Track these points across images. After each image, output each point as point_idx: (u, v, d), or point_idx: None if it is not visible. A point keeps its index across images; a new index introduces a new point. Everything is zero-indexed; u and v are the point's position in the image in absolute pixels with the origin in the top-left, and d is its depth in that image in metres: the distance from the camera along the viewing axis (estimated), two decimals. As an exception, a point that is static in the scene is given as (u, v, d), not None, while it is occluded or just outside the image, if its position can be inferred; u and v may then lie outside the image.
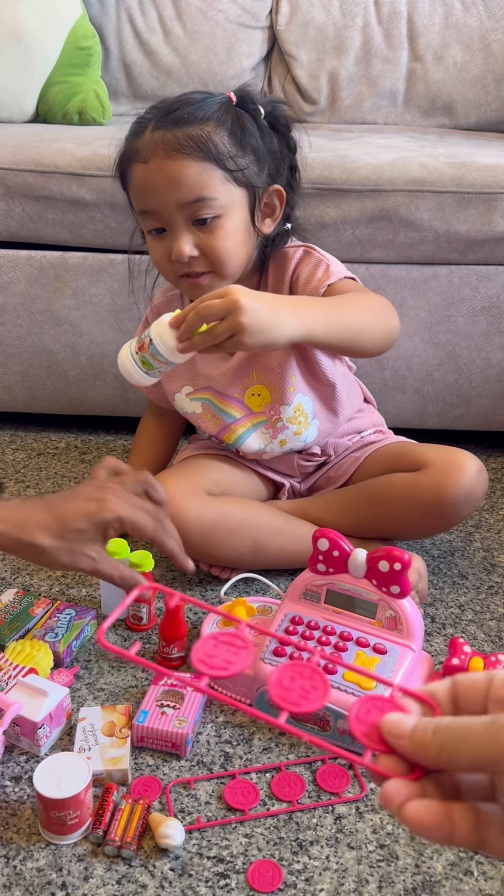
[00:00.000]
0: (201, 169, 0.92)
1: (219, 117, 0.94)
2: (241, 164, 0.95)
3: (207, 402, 1.12)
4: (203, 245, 0.95)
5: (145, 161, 0.93)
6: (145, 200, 0.95)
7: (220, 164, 0.93)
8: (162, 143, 0.92)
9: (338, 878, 0.73)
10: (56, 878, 0.72)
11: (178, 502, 1.02)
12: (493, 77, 1.78)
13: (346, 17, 1.79)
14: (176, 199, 0.93)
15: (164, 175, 0.92)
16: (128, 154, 0.97)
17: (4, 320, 1.40)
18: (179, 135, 0.92)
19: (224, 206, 0.94)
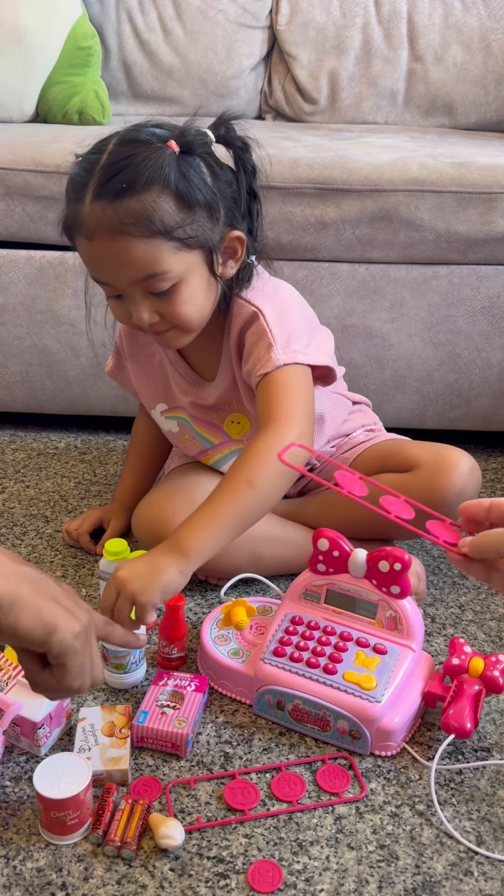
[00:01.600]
0: (148, 247, 0.85)
1: (163, 178, 0.84)
2: (192, 231, 0.87)
3: (184, 422, 1.11)
4: (162, 311, 0.90)
5: (90, 238, 0.86)
6: (96, 274, 0.90)
7: (169, 236, 0.85)
8: (104, 222, 0.84)
9: (338, 879, 0.73)
10: (56, 879, 0.72)
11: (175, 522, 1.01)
12: (493, 77, 1.78)
13: (346, 17, 1.79)
14: (128, 277, 0.87)
15: (110, 257, 0.86)
16: (69, 221, 0.89)
17: (4, 320, 1.40)
18: (120, 212, 0.83)
19: (179, 275, 0.88)
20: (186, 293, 0.90)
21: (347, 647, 0.88)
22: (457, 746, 0.87)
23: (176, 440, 1.14)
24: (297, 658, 0.87)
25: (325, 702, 0.84)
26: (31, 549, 1.19)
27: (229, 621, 0.96)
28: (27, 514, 1.28)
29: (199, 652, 0.96)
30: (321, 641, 0.89)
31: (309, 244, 1.31)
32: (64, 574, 1.13)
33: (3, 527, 1.24)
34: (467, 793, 0.82)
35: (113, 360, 1.17)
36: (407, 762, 0.85)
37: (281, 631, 0.91)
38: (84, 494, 1.34)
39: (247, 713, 0.91)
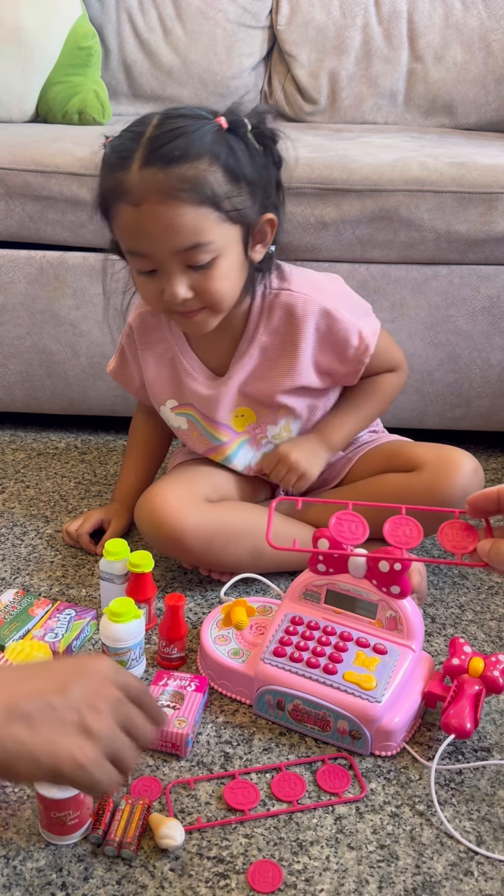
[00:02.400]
0: (197, 214, 0.85)
1: (213, 150, 0.86)
2: (237, 204, 0.88)
3: (193, 419, 1.11)
4: (198, 287, 0.90)
5: (136, 205, 0.85)
6: (136, 244, 0.89)
7: (217, 206, 0.86)
8: (154, 186, 0.84)
9: (338, 879, 0.73)
10: (56, 879, 0.72)
11: (177, 512, 1.02)
12: (493, 77, 1.78)
13: (346, 17, 1.79)
14: (171, 247, 0.87)
15: (158, 222, 0.85)
16: (113, 191, 0.87)
17: (4, 320, 1.40)
18: (173, 177, 0.84)
19: (219, 249, 0.89)
20: (224, 268, 0.91)
21: (347, 647, 0.88)
22: (457, 746, 0.87)
23: (185, 437, 1.14)
24: (298, 658, 0.87)
25: (325, 702, 0.84)
26: (31, 549, 1.19)
27: (229, 621, 0.96)
28: (27, 514, 1.28)
29: (200, 652, 0.96)
30: (321, 641, 0.89)
31: (309, 244, 1.31)
32: (64, 574, 1.13)
33: (3, 527, 1.24)
34: (467, 793, 0.82)
35: (116, 360, 1.17)
36: (407, 762, 0.85)
37: (281, 631, 0.91)
38: (84, 494, 1.34)
39: (247, 713, 0.91)
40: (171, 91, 1.83)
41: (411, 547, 0.82)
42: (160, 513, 1.03)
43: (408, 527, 0.83)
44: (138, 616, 0.91)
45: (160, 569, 1.14)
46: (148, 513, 1.04)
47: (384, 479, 1.10)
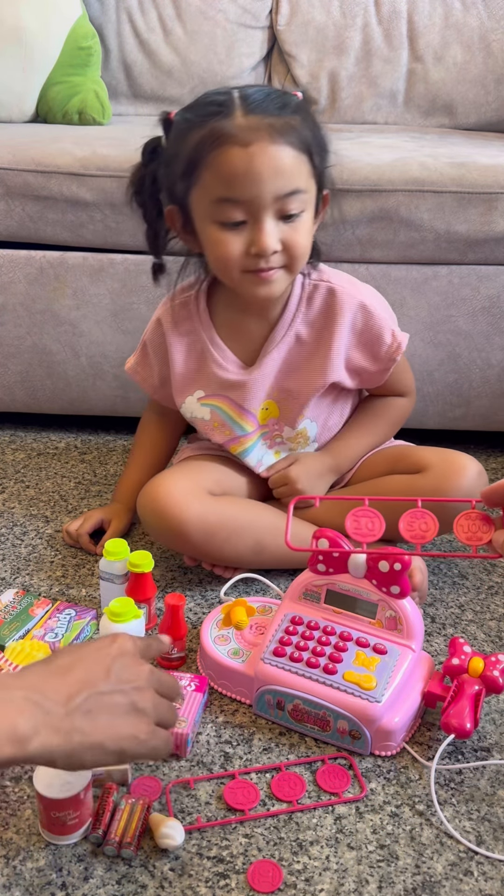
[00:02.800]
0: (299, 160, 0.89)
1: (301, 114, 0.91)
2: (320, 163, 0.93)
3: (218, 410, 1.10)
4: (286, 240, 0.91)
5: (245, 145, 0.86)
6: (238, 188, 0.88)
7: (310, 157, 0.91)
8: (265, 126, 0.87)
9: (338, 879, 0.73)
10: (56, 879, 0.72)
11: (180, 502, 1.02)
12: (493, 77, 1.78)
13: (346, 17, 1.79)
14: (275, 189, 0.88)
15: (268, 161, 0.87)
16: (213, 136, 0.87)
17: (4, 320, 1.40)
18: (280, 121, 0.87)
19: (307, 202, 0.92)
20: (307, 223, 0.94)
21: (347, 647, 0.88)
22: (457, 746, 0.87)
23: (206, 428, 1.12)
24: (297, 658, 0.87)
25: (325, 702, 0.84)
26: (31, 549, 1.19)
27: (229, 621, 0.96)
28: (27, 514, 1.28)
29: (199, 652, 0.96)
30: (321, 641, 0.89)
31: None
32: (64, 574, 1.13)
33: (3, 527, 1.24)
34: (467, 793, 0.82)
35: (137, 357, 1.16)
36: (407, 762, 0.85)
37: (281, 631, 0.91)
38: (84, 494, 1.34)
39: (247, 713, 0.91)
40: (171, 91, 1.83)
41: (426, 541, 0.82)
42: (163, 503, 1.03)
43: (423, 520, 0.83)
44: (138, 616, 0.91)
45: (160, 569, 1.14)
46: (151, 502, 1.04)
47: (389, 481, 1.10)
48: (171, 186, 0.95)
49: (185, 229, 0.98)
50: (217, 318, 1.07)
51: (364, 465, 1.17)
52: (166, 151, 0.95)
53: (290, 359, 1.07)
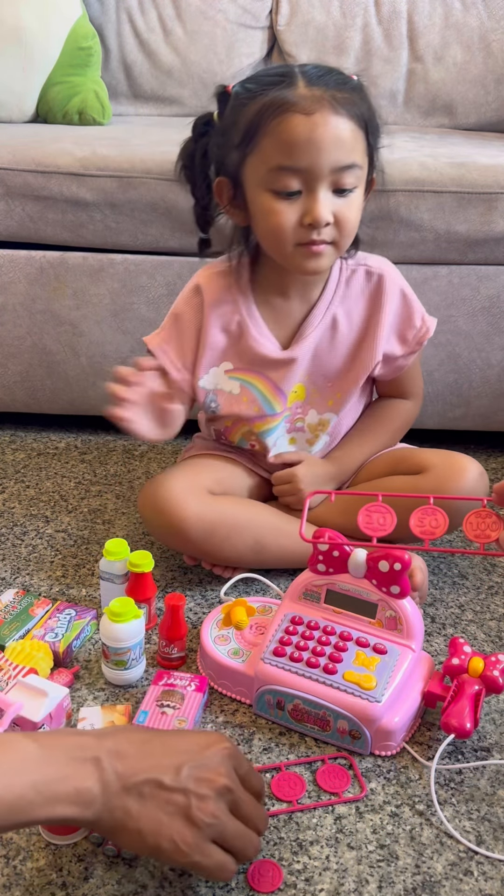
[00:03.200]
0: (357, 135, 0.91)
1: (360, 91, 0.93)
2: (375, 142, 0.95)
3: (251, 386, 1.09)
4: (338, 214, 0.93)
5: (308, 113, 0.87)
6: (297, 156, 0.89)
7: (366, 135, 0.93)
8: (328, 96, 0.88)
9: (338, 878, 0.73)
10: (56, 878, 0.72)
11: (179, 501, 1.02)
12: (493, 77, 1.78)
13: (346, 17, 1.79)
14: (333, 159, 0.89)
15: (329, 130, 0.88)
16: (276, 104, 0.88)
17: (4, 320, 1.40)
18: (342, 95, 0.89)
19: (360, 179, 0.93)
20: (358, 200, 0.95)
21: (347, 647, 0.88)
22: (457, 746, 0.87)
23: (231, 403, 1.09)
24: (297, 658, 0.87)
25: (325, 702, 0.84)
26: (32, 549, 1.19)
27: (229, 621, 0.96)
28: (27, 514, 1.28)
29: (199, 652, 0.97)
30: (321, 641, 0.89)
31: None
32: (64, 574, 1.13)
33: (3, 527, 1.24)
34: (467, 793, 0.82)
35: (167, 330, 1.09)
36: (407, 762, 0.85)
37: (281, 631, 0.91)
38: (84, 494, 1.34)
39: (247, 713, 0.91)
40: (172, 91, 1.83)
41: (436, 537, 0.83)
42: (163, 501, 1.03)
43: (434, 517, 0.83)
44: (138, 616, 0.91)
45: (160, 569, 1.14)
46: (151, 500, 1.05)
47: (391, 481, 1.10)
48: (223, 157, 0.96)
49: (233, 202, 0.99)
50: (257, 295, 1.07)
51: (366, 466, 1.17)
52: (221, 123, 0.96)
53: (326, 342, 1.07)
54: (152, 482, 1.06)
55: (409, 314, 1.09)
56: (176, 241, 1.34)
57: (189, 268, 1.35)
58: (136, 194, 1.29)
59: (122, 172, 1.28)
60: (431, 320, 1.11)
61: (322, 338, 1.07)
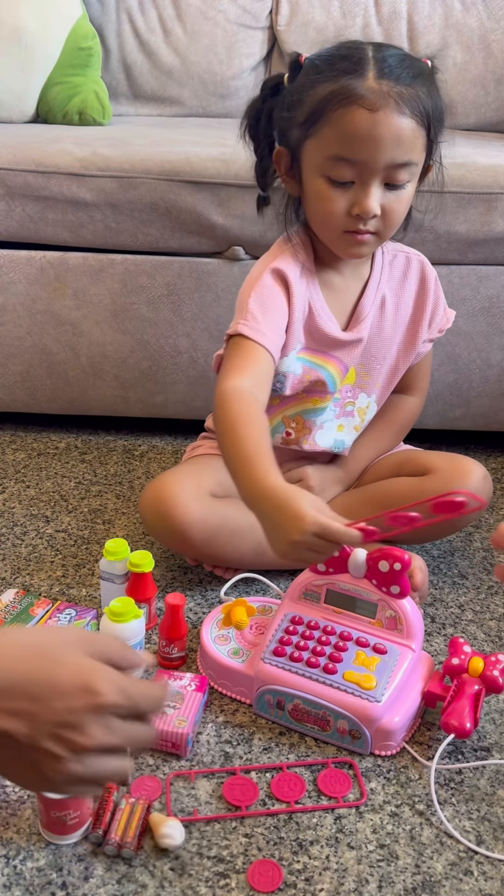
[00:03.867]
0: (418, 133, 0.92)
1: (428, 86, 0.93)
2: (435, 137, 0.96)
3: (316, 366, 1.07)
4: (386, 207, 0.94)
5: (373, 109, 0.88)
6: (356, 149, 0.90)
7: (428, 132, 0.93)
8: (396, 94, 0.89)
9: (338, 878, 0.73)
10: (56, 878, 0.72)
11: (182, 504, 1.02)
12: (493, 77, 1.78)
13: (346, 18, 1.79)
14: (390, 157, 0.90)
15: (391, 129, 0.89)
16: (343, 94, 0.89)
17: (5, 320, 1.40)
18: (410, 93, 0.89)
19: (414, 174, 0.95)
20: (409, 194, 0.97)
21: (347, 647, 0.88)
22: (456, 746, 0.87)
23: (295, 380, 1.07)
24: (297, 658, 0.87)
25: (325, 701, 0.84)
26: (32, 549, 1.19)
27: (229, 621, 0.96)
28: (27, 514, 1.28)
29: (200, 652, 0.97)
30: (321, 641, 0.89)
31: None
32: (64, 574, 1.13)
33: (4, 527, 1.24)
34: (467, 792, 0.82)
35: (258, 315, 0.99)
36: (407, 762, 0.85)
37: (281, 631, 0.91)
38: (84, 494, 1.34)
39: (247, 713, 0.91)
40: (172, 91, 1.83)
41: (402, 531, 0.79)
42: (165, 504, 1.03)
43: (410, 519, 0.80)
44: (138, 616, 0.91)
45: (160, 569, 1.14)
46: (153, 503, 1.04)
47: (396, 483, 1.11)
48: (285, 130, 0.97)
49: (289, 173, 1.00)
50: (319, 274, 1.07)
51: (371, 468, 1.18)
52: (289, 94, 0.96)
53: (377, 323, 1.09)
54: (153, 484, 1.06)
55: (438, 301, 1.12)
56: (176, 241, 1.34)
57: (189, 268, 1.35)
58: (137, 194, 1.29)
59: (123, 173, 1.28)
60: (451, 311, 1.14)
61: (376, 318, 1.08)
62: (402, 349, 1.11)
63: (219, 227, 1.31)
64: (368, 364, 1.10)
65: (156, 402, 1.46)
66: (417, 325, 1.11)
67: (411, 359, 1.13)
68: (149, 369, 1.43)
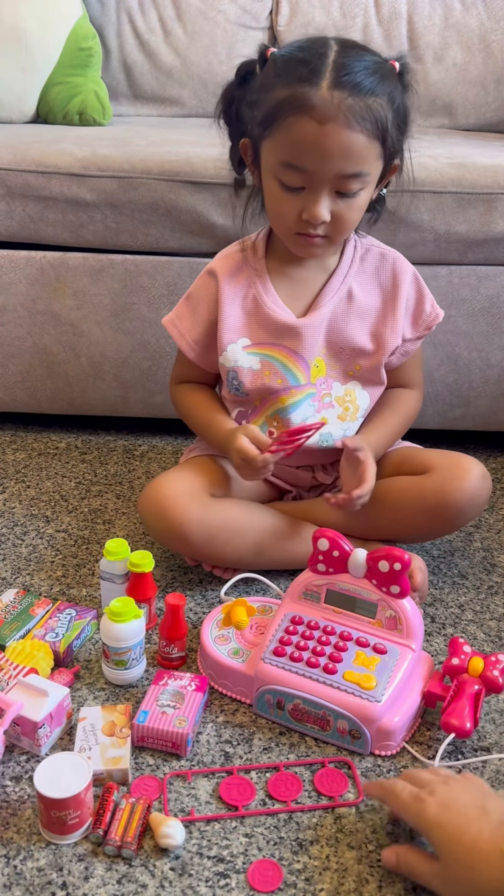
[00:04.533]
0: (370, 146, 0.91)
1: (390, 92, 0.91)
2: (394, 144, 0.95)
3: (271, 359, 1.08)
4: (337, 214, 0.95)
5: (322, 121, 0.88)
6: (304, 159, 0.91)
7: (383, 143, 0.93)
8: (345, 108, 0.88)
9: (338, 878, 0.73)
10: (56, 878, 0.72)
11: (180, 505, 1.02)
12: (493, 77, 1.78)
13: (346, 18, 1.79)
14: (338, 168, 0.91)
15: (337, 143, 0.89)
16: (294, 102, 0.89)
17: (5, 321, 1.40)
18: (362, 106, 0.88)
19: (367, 183, 0.95)
20: (362, 201, 0.97)
21: (347, 647, 0.88)
22: (457, 746, 0.87)
23: (254, 378, 1.09)
24: (297, 658, 0.88)
25: (325, 701, 0.84)
26: (32, 549, 1.19)
27: (229, 621, 0.96)
28: (28, 514, 1.28)
29: (200, 652, 0.97)
30: (321, 641, 0.89)
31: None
32: (64, 574, 1.13)
33: (4, 527, 1.24)
34: (467, 792, 0.82)
35: (181, 308, 1.12)
36: (407, 762, 0.85)
37: (281, 631, 0.91)
38: (84, 494, 1.34)
39: (247, 713, 0.91)
40: (172, 92, 1.83)
41: None
42: (164, 505, 1.03)
43: None
44: (139, 616, 0.91)
45: (160, 568, 1.15)
46: (152, 504, 1.05)
47: (395, 481, 1.10)
48: (248, 124, 0.98)
49: (254, 164, 1.01)
50: (274, 267, 1.08)
51: None
52: (252, 90, 0.96)
53: (342, 312, 1.08)
54: (153, 485, 1.06)
55: (421, 298, 1.11)
56: (176, 242, 1.34)
57: (189, 268, 1.35)
58: (137, 195, 1.29)
59: (123, 173, 1.28)
60: (440, 309, 1.13)
61: (338, 308, 1.08)
62: (383, 344, 1.09)
63: (219, 227, 1.31)
64: (336, 354, 1.10)
65: (156, 402, 1.47)
66: (387, 319, 1.09)
67: (388, 354, 1.10)
68: (149, 369, 1.43)
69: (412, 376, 1.18)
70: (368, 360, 1.10)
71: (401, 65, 0.94)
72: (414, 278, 1.11)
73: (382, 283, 1.10)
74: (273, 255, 1.09)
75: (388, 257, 1.10)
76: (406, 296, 1.10)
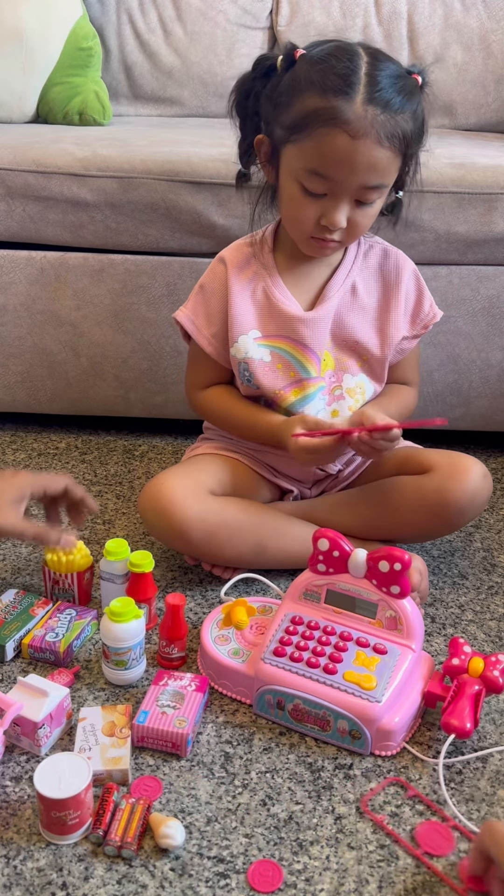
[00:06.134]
0: (393, 160, 0.95)
1: (414, 107, 0.94)
2: (414, 152, 0.98)
3: (281, 351, 1.09)
4: (352, 220, 0.98)
5: (355, 137, 0.90)
6: (332, 169, 0.93)
7: (406, 157, 0.97)
8: (379, 126, 0.91)
9: (338, 878, 0.73)
10: (56, 878, 0.72)
11: (180, 502, 1.02)
12: (493, 77, 1.78)
13: (347, 18, 1.79)
14: (363, 180, 0.94)
15: (368, 158, 0.92)
16: (328, 114, 0.90)
17: (5, 321, 1.40)
18: (393, 124, 0.91)
19: (384, 193, 0.98)
20: (376, 209, 1.00)
21: (347, 647, 0.88)
22: (457, 746, 0.87)
23: (265, 371, 1.09)
24: (298, 658, 0.88)
25: (325, 702, 0.84)
26: (32, 549, 1.19)
27: (229, 621, 0.96)
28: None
29: (200, 652, 0.97)
30: (321, 641, 0.89)
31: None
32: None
33: (4, 527, 1.24)
34: (467, 792, 0.82)
35: (194, 303, 1.13)
36: (407, 762, 0.85)
37: (281, 631, 0.91)
38: (84, 495, 1.34)
39: (247, 713, 0.91)
40: (172, 92, 1.83)
41: None
42: (164, 502, 1.03)
43: None
44: (139, 616, 0.91)
45: (160, 569, 1.15)
46: (152, 502, 1.05)
47: (395, 481, 1.11)
48: (270, 123, 0.98)
49: (269, 161, 1.02)
50: (281, 262, 1.10)
51: (370, 467, 1.17)
52: (278, 91, 0.96)
53: (347, 306, 1.09)
54: (153, 483, 1.06)
55: (421, 297, 1.13)
56: (176, 242, 1.34)
57: (189, 268, 1.35)
58: (137, 195, 1.29)
59: (123, 173, 1.28)
60: (438, 309, 1.15)
61: (343, 301, 1.09)
62: (386, 338, 1.11)
63: (219, 227, 1.31)
64: (343, 347, 1.11)
65: (156, 402, 1.47)
66: (389, 314, 1.11)
67: (392, 348, 1.11)
68: (149, 369, 1.43)
69: (409, 375, 1.19)
70: (373, 353, 1.11)
71: (422, 78, 0.96)
72: (415, 277, 1.13)
73: (384, 279, 1.11)
74: (280, 249, 1.10)
75: (391, 254, 1.12)
76: (406, 292, 1.11)
